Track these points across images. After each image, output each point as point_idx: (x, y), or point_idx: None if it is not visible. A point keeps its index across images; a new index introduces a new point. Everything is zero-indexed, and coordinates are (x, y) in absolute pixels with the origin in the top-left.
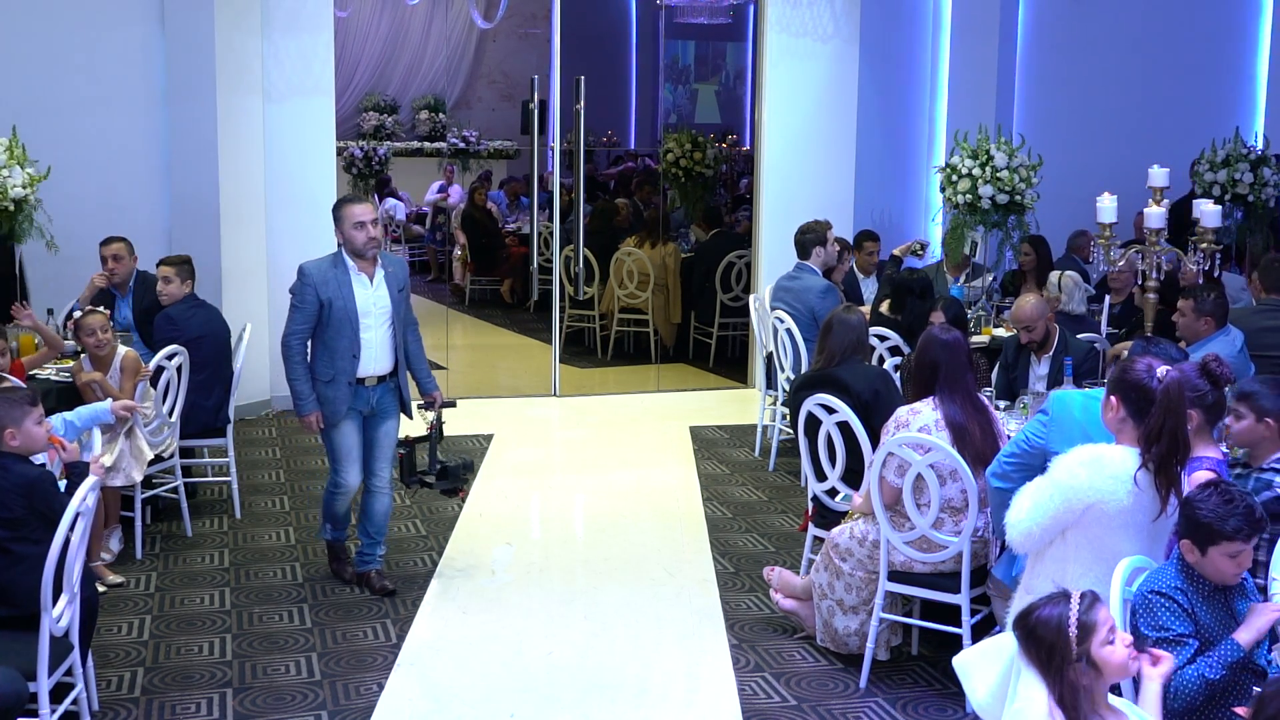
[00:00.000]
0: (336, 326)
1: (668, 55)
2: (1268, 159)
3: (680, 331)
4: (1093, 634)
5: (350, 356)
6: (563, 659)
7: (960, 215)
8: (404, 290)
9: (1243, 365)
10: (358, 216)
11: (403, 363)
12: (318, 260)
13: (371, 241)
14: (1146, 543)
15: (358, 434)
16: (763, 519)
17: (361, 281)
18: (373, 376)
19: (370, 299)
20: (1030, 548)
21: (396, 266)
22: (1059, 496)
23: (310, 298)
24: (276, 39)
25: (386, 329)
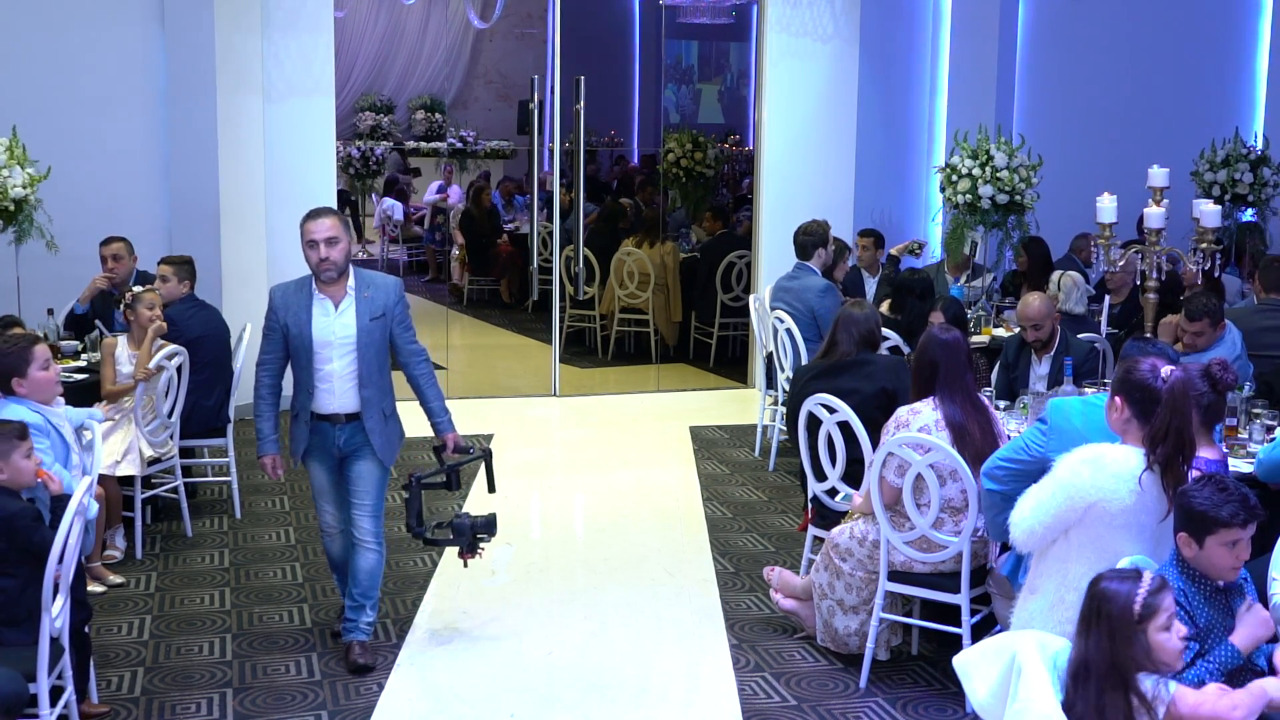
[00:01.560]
0: (295, 357)
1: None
2: (1267, 159)
3: (680, 331)
4: (1154, 616)
5: (306, 391)
6: (563, 659)
7: (960, 215)
8: (384, 317)
9: (1242, 367)
10: (309, 234)
11: (378, 403)
12: (287, 282)
13: (324, 264)
14: (1150, 544)
15: (327, 474)
16: (763, 519)
17: (323, 307)
18: (338, 415)
19: (329, 327)
20: (1033, 546)
21: (379, 290)
22: (1061, 495)
23: (274, 323)
24: (276, 39)
25: (350, 362)
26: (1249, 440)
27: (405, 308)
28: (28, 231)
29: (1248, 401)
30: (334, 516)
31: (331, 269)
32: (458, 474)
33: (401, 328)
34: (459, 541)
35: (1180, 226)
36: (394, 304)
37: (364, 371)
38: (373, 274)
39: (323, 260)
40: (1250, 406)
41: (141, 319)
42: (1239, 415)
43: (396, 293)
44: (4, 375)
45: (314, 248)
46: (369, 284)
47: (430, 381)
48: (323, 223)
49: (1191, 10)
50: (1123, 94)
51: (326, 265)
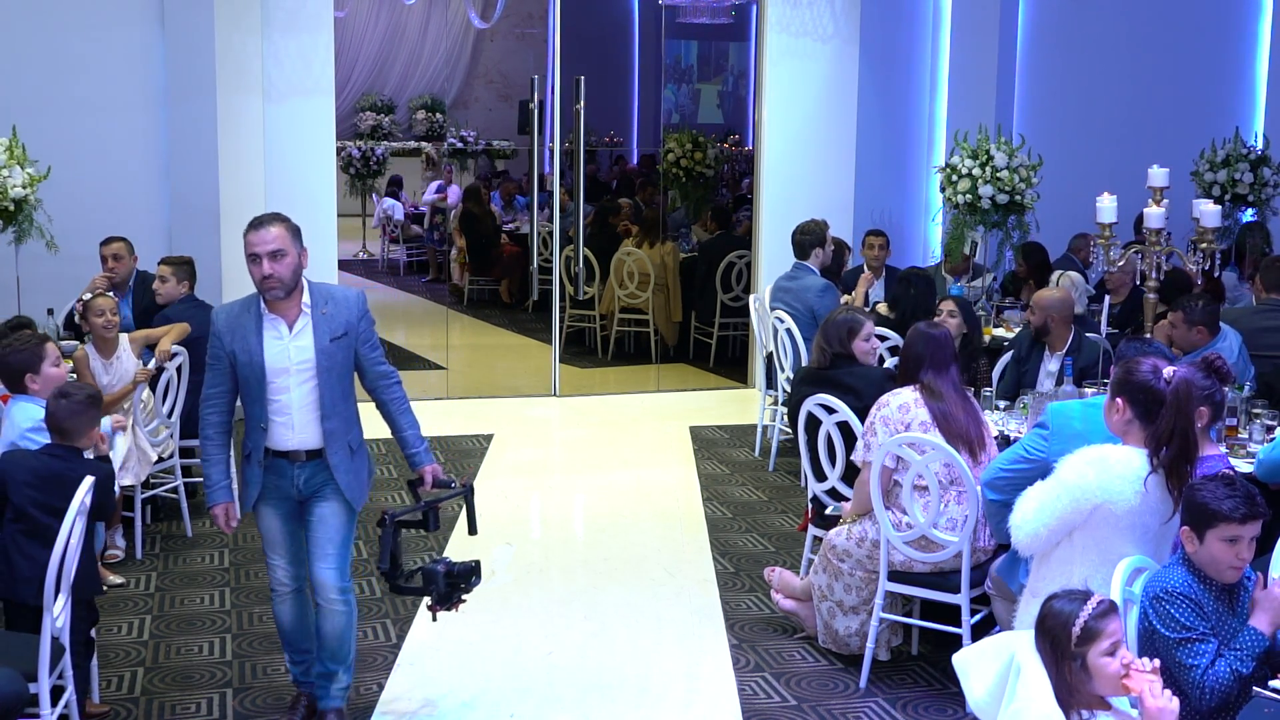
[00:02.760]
0: (245, 388)
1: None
2: (1267, 159)
3: (680, 331)
4: (1094, 641)
5: (259, 427)
6: (562, 659)
7: (960, 215)
8: (346, 336)
9: (1242, 367)
10: (250, 246)
11: (343, 436)
12: (231, 303)
13: (268, 282)
14: (1153, 546)
15: (282, 521)
16: (763, 519)
17: (275, 329)
18: (298, 452)
19: (283, 352)
20: (1037, 549)
21: (339, 305)
22: (1066, 497)
23: (219, 351)
24: (276, 39)
25: (309, 390)
26: (1249, 440)
27: (370, 323)
28: (28, 231)
29: (1248, 401)
30: (287, 572)
31: (277, 287)
32: (437, 512)
33: (368, 347)
34: (430, 591)
35: (1180, 226)
36: (357, 320)
37: (326, 401)
38: (330, 287)
39: (266, 278)
40: (1250, 406)
41: (94, 327)
42: (1239, 415)
43: (359, 307)
44: (18, 372)
45: (255, 262)
46: (326, 299)
47: (403, 407)
48: (266, 233)
49: (1191, 10)
50: (1123, 94)
51: (271, 284)
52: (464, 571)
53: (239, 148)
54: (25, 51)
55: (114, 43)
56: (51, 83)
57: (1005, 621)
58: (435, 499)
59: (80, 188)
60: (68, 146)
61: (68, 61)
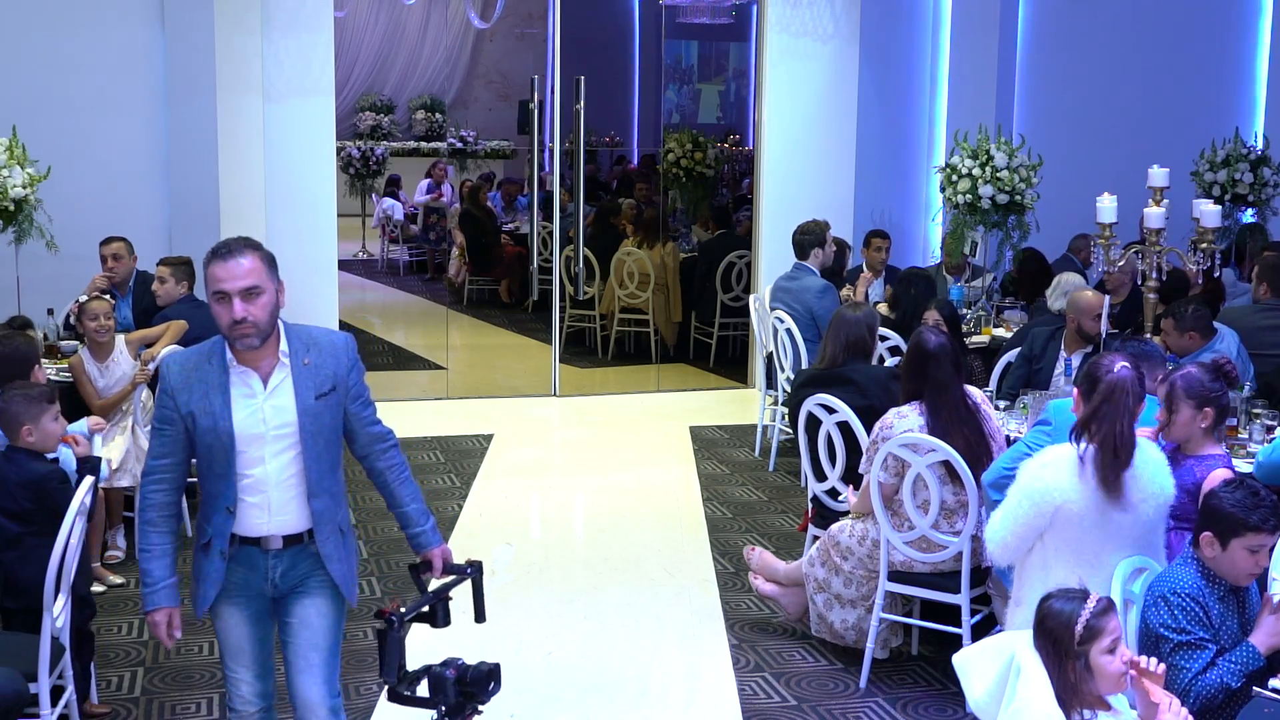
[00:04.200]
0: (205, 459)
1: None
2: (1267, 159)
3: (680, 331)
4: (1096, 639)
5: (224, 509)
6: (563, 659)
7: (960, 215)
8: (334, 391)
9: (1241, 367)
10: (216, 281)
11: (332, 516)
12: (187, 351)
13: (240, 328)
14: (1127, 541)
15: (249, 626)
16: (763, 519)
17: (244, 385)
18: (274, 539)
19: (256, 413)
20: (1009, 558)
21: (325, 353)
22: (1026, 502)
23: (170, 413)
24: (276, 39)
25: (290, 461)
26: (1249, 440)
27: (361, 374)
28: (28, 231)
29: (1248, 401)
30: (253, 688)
31: (252, 334)
32: (447, 605)
33: (359, 404)
34: (439, 701)
35: (1180, 226)
36: (346, 371)
37: (312, 474)
38: (312, 330)
39: (238, 323)
40: (1250, 406)
41: (88, 331)
42: (1239, 415)
43: (348, 355)
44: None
45: (223, 302)
46: (309, 344)
47: (403, 475)
48: (236, 265)
49: (1192, 10)
50: (1123, 94)
51: (245, 330)
52: (479, 678)
53: (239, 148)
54: (25, 51)
55: (114, 43)
56: (51, 83)
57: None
58: (444, 587)
59: (80, 188)
60: (68, 146)
61: (68, 61)
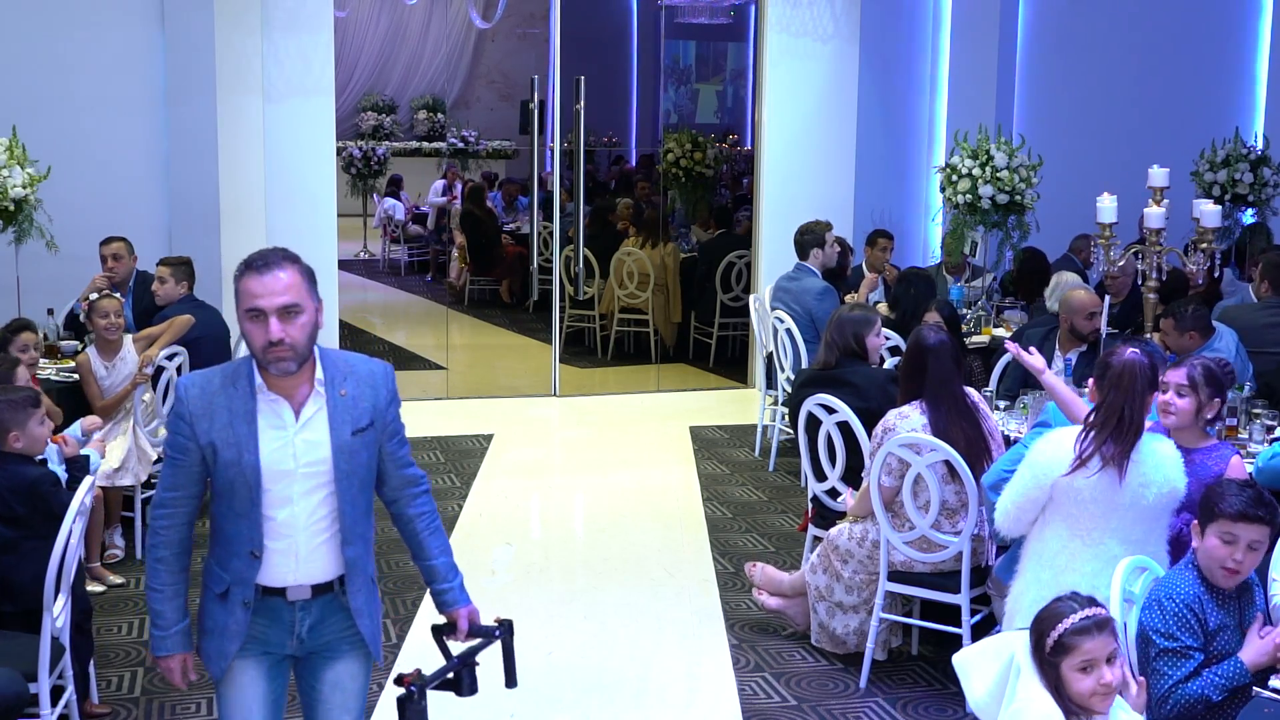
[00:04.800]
0: (225, 494)
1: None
2: (1267, 159)
3: (680, 331)
4: (1067, 654)
5: (247, 553)
6: (562, 659)
7: (960, 215)
8: (372, 427)
9: (1240, 366)
10: (251, 297)
11: (364, 565)
12: (209, 371)
13: (276, 350)
14: (1124, 522)
15: (265, 684)
16: (763, 519)
17: (274, 415)
18: (301, 588)
19: (286, 447)
20: (1011, 527)
21: (363, 383)
22: (1029, 473)
23: (186, 441)
24: (276, 39)
25: (322, 502)
26: (1249, 440)
27: (399, 407)
28: (28, 231)
29: (1248, 401)
30: None
31: (289, 358)
32: (474, 670)
33: (395, 442)
34: None
35: (1181, 227)
36: (386, 404)
37: (347, 518)
38: (349, 357)
39: (274, 344)
40: (1250, 406)
41: (98, 328)
42: (1239, 415)
43: (387, 386)
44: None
45: (258, 320)
46: (346, 373)
47: (435, 524)
48: (274, 279)
49: (1192, 10)
50: (1123, 93)
51: (281, 353)
52: None
53: (239, 148)
54: (25, 51)
55: (114, 43)
56: (51, 83)
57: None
58: (470, 652)
59: (80, 188)
60: (68, 146)
61: (68, 61)
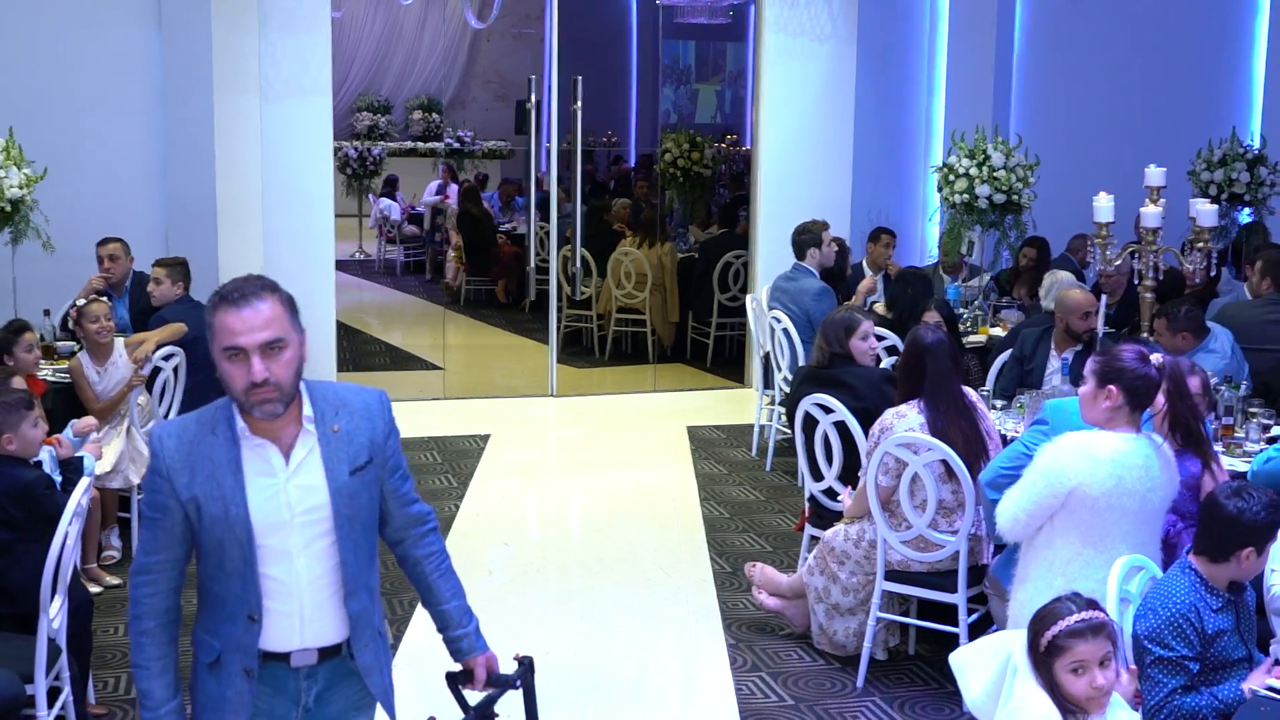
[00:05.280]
0: (213, 554)
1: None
2: (1264, 158)
3: (677, 331)
4: (1060, 655)
5: (244, 617)
6: (559, 659)
7: (957, 215)
8: (371, 464)
9: (1236, 365)
10: (227, 335)
11: (370, 619)
12: (184, 418)
13: (260, 392)
14: (1133, 527)
15: None
16: (760, 519)
17: (260, 460)
18: (308, 652)
19: (278, 496)
20: (1019, 534)
21: (357, 416)
22: (1042, 482)
23: (165, 498)
24: (273, 39)
25: (323, 553)
26: (1245, 440)
27: (399, 438)
28: (24, 232)
29: (1244, 400)
30: None
31: (275, 399)
32: None
33: (397, 477)
34: None
35: (1177, 226)
36: (384, 437)
37: (350, 567)
38: (339, 388)
39: (257, 386)
40: (1247, 405)
41: (88, 333)
42: (1235, 414)
43: (383, 416)
44: None
45: (238, 360)
46: (337, 406)
47: (445, 565)
48: (253, 312)
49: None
50: (1120, 93)
51: (265, 394)
52: None
53: (236, 148)
54: (22, 51)
55: (111, 43)
56: (48, 83)
57: (1002, 620)
58: (487, 702)
59: (77, 188)
60: (64, 147)
61: (65, 61)
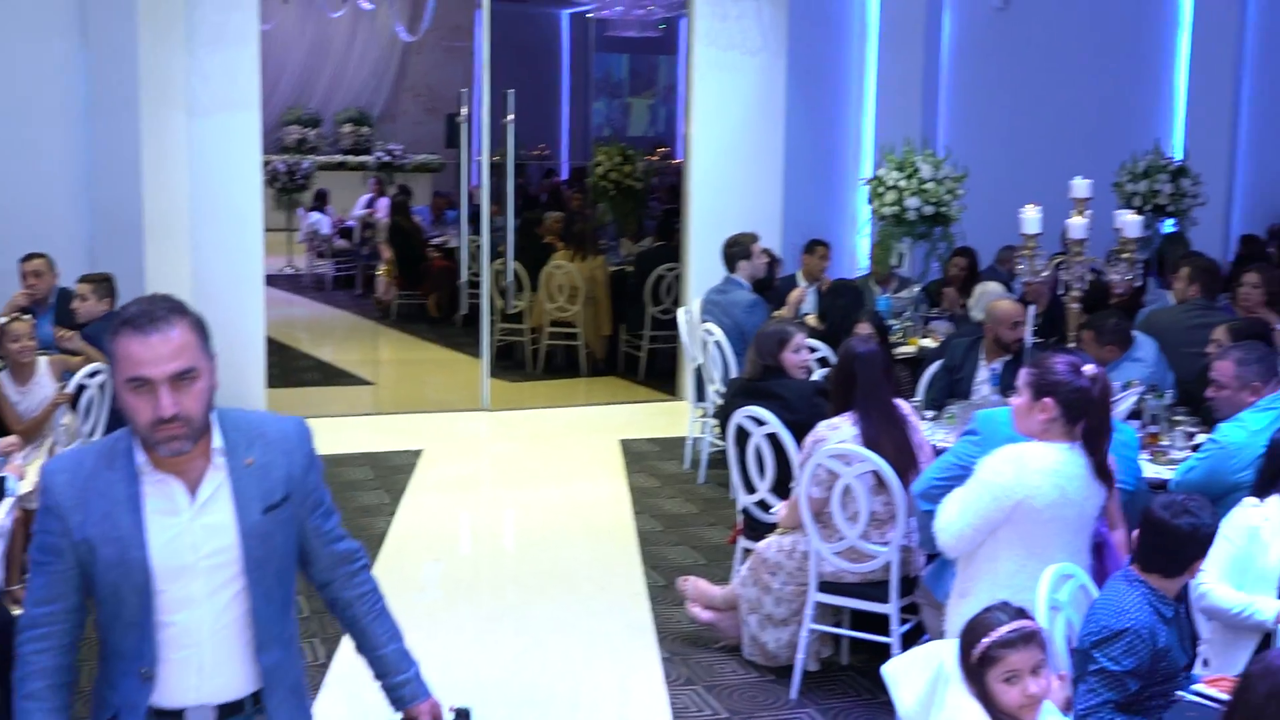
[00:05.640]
0: (109, 601)
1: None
2: (1186, 170)
3: (610, 344)
4: (993, 665)
5: (136, 672)
6: (492, 676)
7: (887, 227)
8: (288, 501)
9: (1161, 374)
10: (132, 365)
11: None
12: (80, 450)
13: (168, 428)
14: (1072, 536)
15: None
16: (693, 531)
17: (165, 497)
18: (203, 710)
19: (183, 537)
20: (963, 550)
21: (273, 448)
22: (988, 495)
23: (56, 539)
24: (201, 53)
25: (231, 600)
26: (1171, 447)
27: (320, 472)
28: None
29: (1169, 409)
30: None
31: (184, 435)
32: None
33: (320, 514)
34: None
35: (1102, 236)
36: (302, 471)
37: (262, 616)
38: (252, 417)
39: (164, 421)
40: (1171, 414)
41: (9, 353)
42: (1161, 423)
43: (302, 447)
44: None
45: (144, 392)
46: (251, 437)
47: (378, 606)
48: (162, 339)
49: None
50: (1046, 106)
51: (174, 430)
52: None
53: (163, 162)
54: None
55: (35, 56)
56: None
57: (934, 630)
58: None
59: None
60: None
61: None
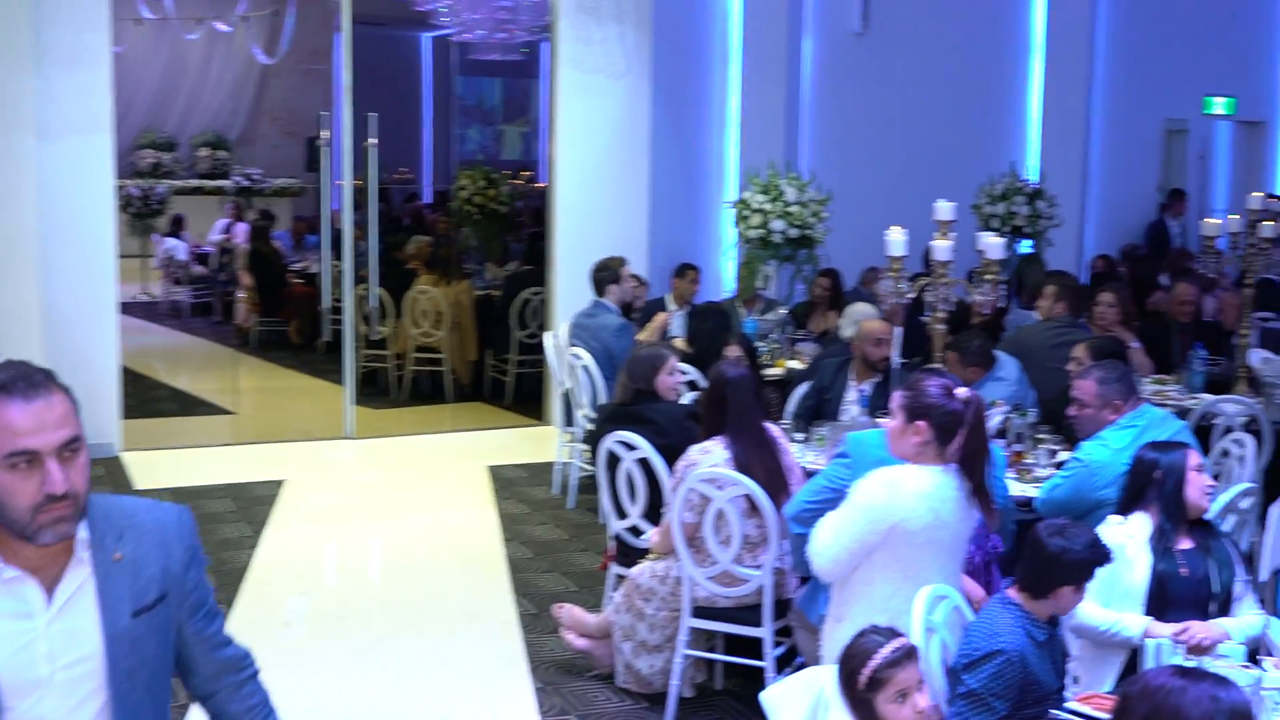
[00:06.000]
0: None
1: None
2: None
3: (476, 370)
4: (881, 688)
5: None
6: (360, 711)
7: (753, 250)
8: (164, 601)
9: (1023, 393)
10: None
11: None
12: None
13: (56, 508)
14: (947, 558)
15: None
16: (564, 558)
17: (17, 599)
18: None
19: (37, 644)
20: (839, 574)
21: (146, 540)
22: (863, 519)
23: None
24: (52, 74)
25: (96, 717)
26: (1035, 465)
27: (202, 568)
28: None
29: (1033, 427)
30: None
31: (71, 516)
32: None
33: (202, 617)
34: None
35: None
36: (183, 568)
37: None
38: (125, 503)
39: (52, 501)
40: (1035, 432)
41: None
42: (1025, 441)
43: (182, 541)
44: None
45: (29, 471)
46: (123, 527)
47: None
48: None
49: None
50: (907, 130)
51: (62, 510)
52: None
53: (10, 188)
54: None
55: None
56: None
57: (809, 653)
58: None
59: None
60: None
61: None
